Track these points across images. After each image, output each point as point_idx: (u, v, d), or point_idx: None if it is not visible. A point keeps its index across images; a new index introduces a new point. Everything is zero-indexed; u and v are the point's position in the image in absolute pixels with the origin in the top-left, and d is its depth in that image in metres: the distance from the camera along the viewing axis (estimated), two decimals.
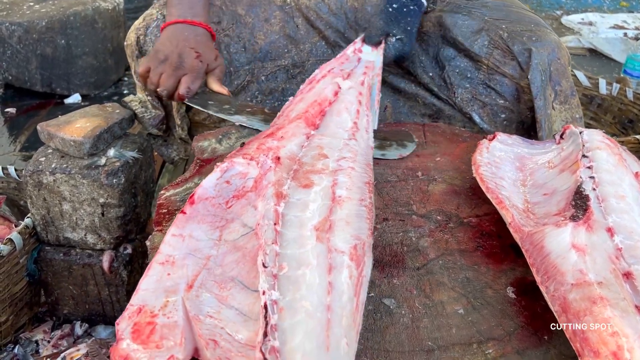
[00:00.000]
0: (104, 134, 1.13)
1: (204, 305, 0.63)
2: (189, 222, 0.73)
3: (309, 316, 0.59)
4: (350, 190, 0.79)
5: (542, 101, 1.15)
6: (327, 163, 0.84)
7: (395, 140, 1.04)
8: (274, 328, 0.56)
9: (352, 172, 0.84)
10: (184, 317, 0.61)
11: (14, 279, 1.15)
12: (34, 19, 2.17)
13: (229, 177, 0.78)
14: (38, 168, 1.10)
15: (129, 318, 0.61)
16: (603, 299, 0.63)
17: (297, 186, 0.78)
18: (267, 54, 1.30)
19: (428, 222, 0.84)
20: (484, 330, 0.67)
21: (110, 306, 1.24)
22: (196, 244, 0.71)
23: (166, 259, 0.68)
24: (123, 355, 0.58)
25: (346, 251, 0.68)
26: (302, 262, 0.65)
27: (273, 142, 0.85)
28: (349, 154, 0.88)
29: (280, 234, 0.68)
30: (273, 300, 0.59)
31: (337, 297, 0.62)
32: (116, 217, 1.13)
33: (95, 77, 2.35)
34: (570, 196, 0.79)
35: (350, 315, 0.62)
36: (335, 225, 0.72)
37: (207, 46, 1.10)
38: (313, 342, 0.56)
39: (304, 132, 0.91)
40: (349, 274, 0.65)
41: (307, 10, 1.30)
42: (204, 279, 0.67)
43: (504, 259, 0.78)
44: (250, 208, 0.75)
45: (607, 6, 4.18)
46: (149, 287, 0.64)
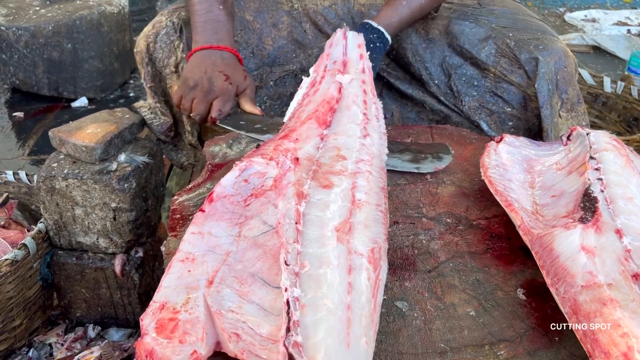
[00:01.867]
0: (115, 139, 1.14)
1: (225, 300, 0.65)
2: (207, 220, 0.75)
3: (331, 314, 0.60)
4: (369, 195, 0.80)
5: (549, 110, 1.16)
6: (346, 165, 0.85)
7: (430, 153, 1.02)
8: (297, 324, 0.58)
9: (369, 176, 0.85)
10: (205, 313, 0.63)
11: (27, 283, 1.16)
12: (41, 23, 2.18)
13: (247, 176, 0.79)
14: (51, 174, 1.11)
15: (153, 314, 0.63)
16: (613, 300, 0.64)
17: (317, 186, 0.79)
18: (275, 59, 1.31)
19: (438, 225, 0.85)
20: (495, 331, 0.68)
21: (123, 309, 1.25)
22: (215, 240, 0.73)
23: (186, 256, 0.70)
24: (148, 349, 0.59)
25: (365, 254, 0.70)
26: (324, 261, 0.67)
27: (290, 144, 0.86)
28: (366, 156, 0.89)
29: (302, 233, 0.70)
30: (295, 297, 0.61)
31: (356, 297, 0.64)
32: (127, 221, 1.15)
33: (101, 81, 2.37)
34: (579, 198, 0.80)
35: (369, 315, 0.63)
36: (354, 227, 0.73)
37: (236, 68, 1.11)
38: (335, 339, 0.58)
39: (317, 133, 0.92)
40: (367, 276, 0.67)
41: (315, 15, 1.31)
42: (224, 274, 0.68)
43: (514, 260, 0.79)
44: (270, 206, 0.76)
45: (610, 3, 4.17)
46: (170, 285, 0.66)
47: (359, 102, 1.01)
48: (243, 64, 1.18)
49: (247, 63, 1.29)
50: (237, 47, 1.28)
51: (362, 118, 0.97)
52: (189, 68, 1.10)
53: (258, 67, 1.31)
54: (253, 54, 1.31)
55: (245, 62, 1.29)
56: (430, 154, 1.01)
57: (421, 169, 0.97)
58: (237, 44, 1.28)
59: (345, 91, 1.04)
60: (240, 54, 1.29)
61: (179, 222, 0.84)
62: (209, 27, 1.13)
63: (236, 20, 1.29)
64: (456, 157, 1.02)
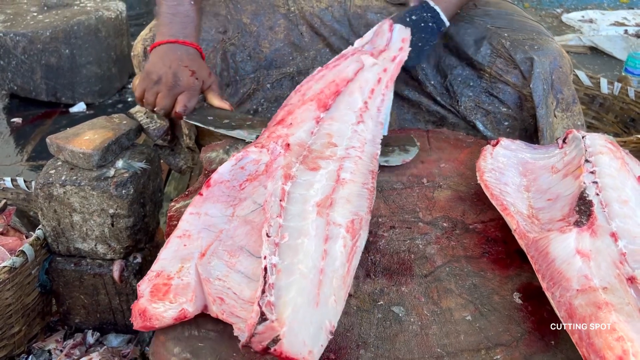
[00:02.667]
0: (112, 145, 1.14)
1: (214, 269, 0.72)
2: (205, 202, 0.82)
3: (303, 277, 0.67)
4: (354, 175, 0.86)
5: (544, 109, 1.16)
6: (335, 151, 0.90)
7: (397, 145, 1.04)
8: (271, 286, 0.64)
9: (358, 160, 0.89)
10: (196, 280, 0.71)
11: (26, 290, 1.16)
12: (38, 29, 2.19)
13: (243, 164, 0.87)
14: (48, 180, 1.11)
15: (149, 281, 0.72)
16: (608, 304, 0.64)
17: (305, 169, 0.85)
18: (272, 61, 1.31)
19: (434, 229, 0.85)
20: (491, 336, 0.68)
21: (121, 315, 1.25)
22: (211, 220, 0.79)
23: (183, 233, 0.77)
24: (141, 309, 0.69)
25: (343, 224, 0.77)
26: (302, 232, 0.73)
27: (283, 130, 0.91)
28: (357, 143, 0.93)
29: (285, 209, 0.76)
30: (273, 264, 0.68)
31: (330, 262, 0.71)
32: (126, 227, 1.15)
33: (99, 86, 2.37)
34: (574, 201, 0.80)
35: (341, 277, 0.70)
36: (336, 202, 0.80)
37: (200, 64, 1.11)
38: (304, 298, 0.65)
39: (313, 116, 0.95)
40: (344, 244, 0.74)
41: (312, 17, 1.32)
42: (215, 248, 0.75)
43: (510, 264, 0.79)
44: (261, 188, 0.83)
45: (607, 3, 4.18)
46: (167, 256, 0.75)
47: (365, 89, 1.03)
48: (226, 61, 1.18)
49: (244, 66, 1.29)
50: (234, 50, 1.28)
51: (361, 106, 1.00)
52: (152, 61, 1.09)
53: (255, 69, 1.31)
54: (250, 57, 1.31)
55: (242, 65, 1.29)
56: (397, 146, 1.03)
57: (390, 162, 0.99)
58: (234, 47, 1.29)
59: (360, 75, 1.05)
60: (237, 56, 1.29)
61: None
62: (177, 21, 1.12)
63: (233, 23, 1.29)
64: (452, 160, 1.03)
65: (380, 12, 1.34)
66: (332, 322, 0.65)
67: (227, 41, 1.28)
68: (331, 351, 0.65)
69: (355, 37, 1.31)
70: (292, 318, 0.62)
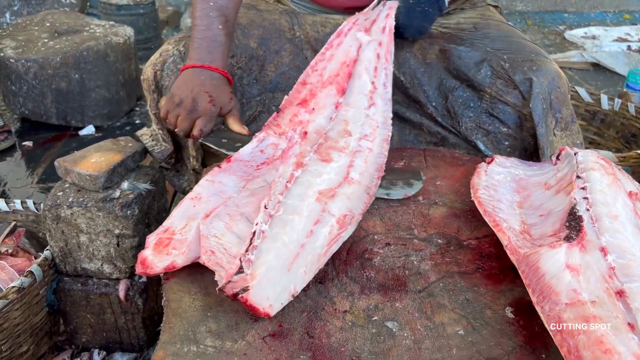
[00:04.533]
0: (118, 167, 1.18)
1: (213, 228, 0.82)
2: (221, 173, 0.93)
3: (284, 246, 0.78)
4: (362, 176, 0.94)
5: (544, 128, 1.18)
6: (349, 142, 0.98)
7: (402, 179, 1.04)
8: (254, 248, 0.75)
9: (369, 154, 0.98)
10: (194, 236, 0.82)
11: (34, 309, 1.19)
12: (49, 55, 2.25)
13: (263, 147, 0.98)
14: (56, 202, 1.15)
15: (156, 235, 0.85)
16: (596, 317, 0.66)
17: (317, 159, 0.93)
18: (278, 85, 1.34)
19: (429, 246, 0.87)
20: (483, 350, 0.70)
21: (127, 333, 1.27)
22: (223, 187, 0.91)
23: (195, 196, 0.89)
24: (142, 257, 0.82)
25: (336, 215, 0.86)
26: (297, 211, 0.83)
27: (305, 115, 1.01)
28: (369, 129, 1.01)
29: (289, 189, 0.85)
30: (262, 230, 0.78)
31: (312, 241, 0.81)
32: (131, 247, 1.18)
33: (108, 109, 2.42)
34: (565, 217, 0.82)
35: (317, 255, 0.80)
36: (337, 196, 0.88)
37: (222, 90, 1.14)
38: (279, 263, 0.76)
39: (333, 102, 1.04)
40: (330, 230, 0.84)
41: (316, 42, 1.35)
42: (220, 211, 0.85)
43: (503, 279, 0.81)
44: (274, 170, 0.93)
45: (610, 19, 4.21)
46: (177, 215, 0.87)
47: (370, 69, 1.10)
48: (233, 85, 1.21)
49: (250, 89, 1.33)
50: (241, 74, 1.31)
51: (370, 88, 1.07)
52: (177, 84, 1.13)
53: (260, 92, 1.34)
54: (256, 80, 1.35)
55: (249, 88, 1.33)
56: (401, 180, 1.03)
57: (391, 195, 0.99)
58: (241, 71, 1.32)
59: (362, 53, 1.13)
60: (244, 80, 1.33)
61: None
62: (205, 45, 1.15)
63: (241, 47, 1.33)
64: (448, 178, 1.05)
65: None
66: (296, 287, 0.76)
67: (235, 65, 1.32)
68: None
69: None
70: (263, 276, 0.73)
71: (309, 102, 1.05)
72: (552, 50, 3.46)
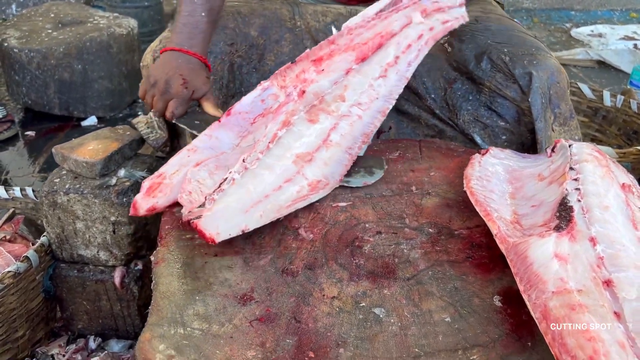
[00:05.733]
0: (115, 155, 1.18)
1: (198, 175, 0.90)
2: (220, 128, 0.99)
3: (247, 192, 0.85)
4: (344, 137, 0.97)
5: (543, 123, 1.18)
6: (340, 106, 0.99)
7: (364, 167, 1.04)
8: (221, 190, 0.84)
9: (357, 120, 0.99)
10: (180, 180, 0.90)
11: (30, 295, 1.20)
12: (52, 45, 2.26)
13: (265, 96, 1.02)
14: (53, 189, 1.15)
15: (150, 179, 0.94)
16: (582, 305, 0.66)
17: (304, 119, 0.96)
18: None
19: (420, 235, 0.87)
20: (469, 337, 0.70)
21: (123, 321, 1.28)
22: (218, 143, 0.97)
23: (192, 147, 0.96)
24: (135, 200, 0.92)
25: (309, 179, 0.91)
26: (270, 168, 0.89)
27: (312, 74, 1.02)
28: (366, 99, 1.02)
29: (269, 149, 0.90)
30: (233, 178, 0.86)
31: (278, 194, 0.87)
32: (127, 235, 1.18)
33: (110, 100, 2.43)
34: (556, 207, 0.82)
35: (277, 206, 0.87)
36: (314, 160, 0.92)
37: (197, 74, 1.15)
38: (238, 204, 0.84)
39: (345, 67, 1.03)
40: (298, 190, 0.89)
41: (317, 32, 1.35)
42: (209, 162, 0.93)
43: (492, 269, 0.81)
44: (263, 126, 0.98)
45: (617, 18, 4.18)
46: (172, 162, 0.95)
47: (402, 45, 1.08)
48: (232, 73, 1.23)
49: (249, 78, 1.33)
50: (241, 63, 1.32)
51: (390, 61, 1.06)
52: (155, 66, 1.16)
53: (259, 81, 1.35)
54: (255, 69, 1.35)
55: (248, 77, 1.33)
56: (363, 167, 1.03)
57: (351, 183, 0.99)
58: (241, 59, 1.32)
59: (405, 30, 1.10)
60: (243, 69, 1.33)
61: (170, 232, 0.88)
62: (186, 31, 1.18)
63: (241, 36, 1.33)
64: (442, 169, 1.05)
65: None
66: (248, 226, 0.83)
67: (235, 54, 1.32)
68: (310, 350, 0.68)
69: None
70: (219, 211, 0.82)
71: (322, 61, 1.05)
72: (557, 48, 3.44)
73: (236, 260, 0.82)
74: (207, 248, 0.84)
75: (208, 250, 0.84)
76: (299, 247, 0.84)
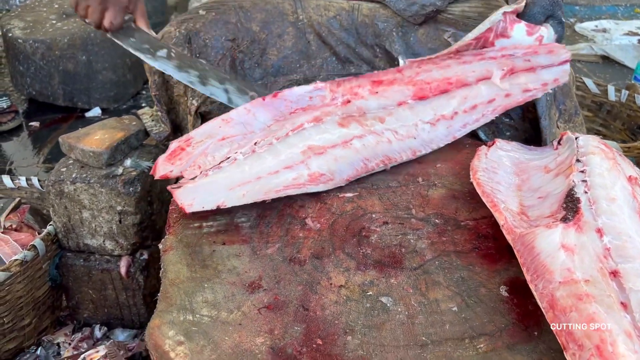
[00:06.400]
0: (121, 145, 1.19)
1: (217, 152, 0.93)
2: (261, 106, 0.99)
3: (241, 173, 0.88)
4: (365, 148, 0.95)
5: (547, 120, 1.18)
6: (375, 124, 0.97)
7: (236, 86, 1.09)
8: (219, 167, 0.89)
9: (385, 142, 0.97)
10: (197, 153, 0.92)
11: (37, 283, 1.21)
12: (57, 36, 2.26)
13: (315, 94, 1.02)
14: (60, 178, 1.16)
15: (177, 141, 0.96)
16: (589, 295, 0.66)
17: (336, 122, 0.96)
18: (280, 69, 1.34)
19: (427, 225, 0.88)
20: (476, 326, 0.70)
21: (128, 310, 1.29)
22: (253, 120, 0.98)
23: (227, 118, 0.97)
24: (157, 162, 0.94)
25: (311, 170, 0.90)
26: (274, 154, 0.90)
27: (365, 92, 1.00)
28: (404, 132, 0.98)
29: (287, 136, 0.92)
30: (235, 158, 0.90)
31: (271, 179, 0.88)
32: (133, 224, 1.19)
33: (114, 91, 2.43)
34: (563, 199, 0.82)
35: (267, 188, 0.88)
36: (325, 154, 0.92)
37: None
38: (226, 181, 0.87)
39: (400, 99, 1.01)
40: (295, 177, 0.89)
41: (319, 26, 1.35)
42: (234, 139, 0.95)
43: (499, 259, 0.81)
44: (298, 118, 0.98)
45: (621, 13, 4.17)
46: (202, 130, 0.97)
47: (468, 102, 1.02)
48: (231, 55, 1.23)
49: (251, 73, 1.33)
50: (242, 57, 1.32)
51: (448, 114, 1.00)
52: None
53: (262, 76, 1.34)
54: (258, 64, 1.35)
55: (250, 72, 1.33)
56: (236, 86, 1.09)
57: None
58: (242, 54, 1.32)
59: (477, 87, 1.02)
60: (245, 64, 1.33)
61: (177, 220, 0.88)
62: None
63: (243, 31, 1.33)
64: (449, 161, 1.05)
65: (388, 20, 1.37)
66: (225, 203, 0.86)
67: (236, 49, 1.32)
68: (318, 337, 0.68)
69: (362, 46, 1.34)
70: (202, 185, 0.86)
71: (380, 85, 1.02)
72: (562, 43, 3.42)
73: (244, 249, 0.82)
74: (215, 236, 0.85)
75: (216, 238, 0.84)
76: (306, 237, 0.85)
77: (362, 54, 1.32)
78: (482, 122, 1.03)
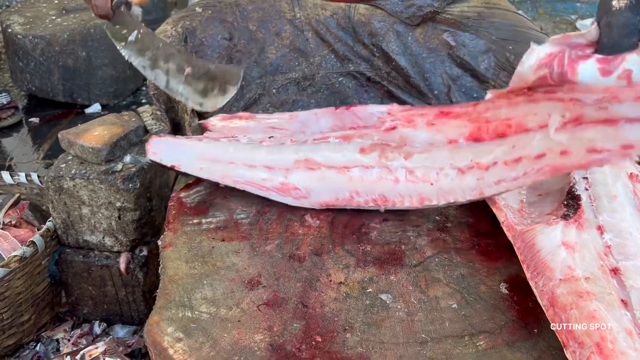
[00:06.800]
0: (121, 141, 1.18)
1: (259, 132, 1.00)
2: (328, 113, 1.00)
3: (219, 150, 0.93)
4: (360, 180, 0.90)
5: None
6: (395, 159, 0.89)
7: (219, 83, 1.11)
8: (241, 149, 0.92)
9: (389, 181, 0.87)
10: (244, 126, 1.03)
11: (36, 279, 1.20)
12: (56, 32, 2.25)
13: (385, 115, 0.95)
14: (59, 174, 1.16)
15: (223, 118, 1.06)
16: (589, 293, 0.66)
17: (358, 147, 0.90)
18: (278, 67, 1.34)
19: (426, 222, 0.87)
20: (476, 323, 0.70)
21: (127, 306, 1.29)
22: (313, 123, 1.00)
23: (294, 115, 1.03)
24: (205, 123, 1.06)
25: (287, 180, 0.90)
26: (275, 152, 0.91)
27: (420, 122, 0.91)
28: (420, 174, 0.85)
29: (303, 143, 0.93)
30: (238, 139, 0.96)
31: (238, 168, 0.91)
32: (132, 220, 1.19)
33: (114, 87, 2.42)
34: (563, 196, 0.82)
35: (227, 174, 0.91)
36: (316, 172, 0.89)
37: None
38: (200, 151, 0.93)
39: (452, 137, 0.86)
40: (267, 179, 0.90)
41: (317, 24, 1.34)
42: (285, 133, 0.98)
43: (499, 257, 0.81)
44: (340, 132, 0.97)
45: None
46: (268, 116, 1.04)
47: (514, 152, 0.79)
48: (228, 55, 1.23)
49: (250, 72, 1.33)
50: (240, 57, 1.31)
51: (485, 163, 0.82)
52: None
53: (261, 75, 1.34)
54: (256, 63, 1.34)
55: (249, 70, 1.33)
56: (218, 84, 1.10)
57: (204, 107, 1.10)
58: (240, 54, 1.32)
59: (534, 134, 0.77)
60: (244, 63, 1.33)
61: (176, 217, 0.88)
62: None
63: (240, 30, 1.32)
64: None
65: (384, 19, 1.36)
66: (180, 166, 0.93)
67: (233, 48, 1.32)
68: (317, 334, 0.68)
69: (360, 45, 1.33)
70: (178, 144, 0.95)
71: (443, 118, 0.88)
72: None
73: (243, 246, 0.82)
74: (214, 233, 0.84)
75: (215, 235, 0.84)
76: (305, 234, 0.85)
77: (360, 52, 1.31)
78: (520, 183, 0.78)
